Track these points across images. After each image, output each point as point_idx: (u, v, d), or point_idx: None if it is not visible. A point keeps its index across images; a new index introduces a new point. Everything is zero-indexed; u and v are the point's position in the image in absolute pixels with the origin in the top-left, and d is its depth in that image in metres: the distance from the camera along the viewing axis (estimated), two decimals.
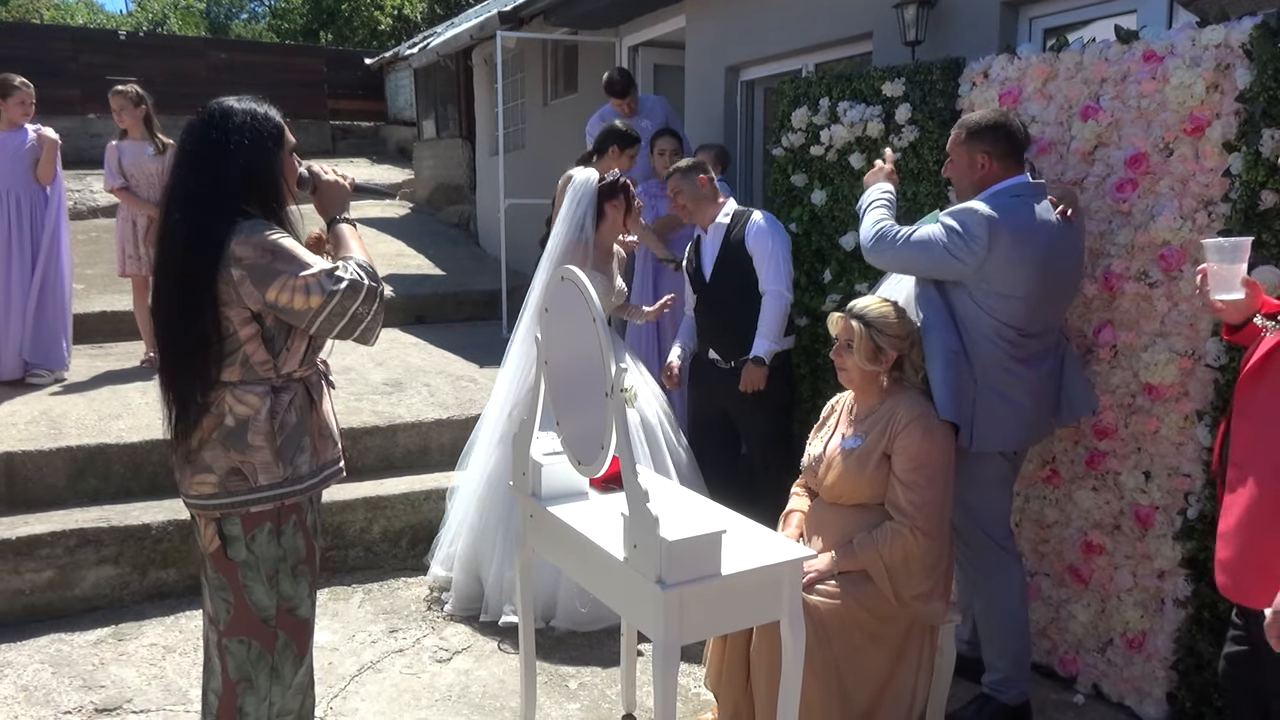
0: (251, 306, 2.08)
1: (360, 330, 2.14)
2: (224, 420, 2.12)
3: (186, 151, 2.15)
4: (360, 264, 2.14)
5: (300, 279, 2.04)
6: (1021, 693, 2.98)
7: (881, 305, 2.82)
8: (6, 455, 4.10)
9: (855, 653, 2.63)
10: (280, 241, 2.08)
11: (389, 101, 17.27)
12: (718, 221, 4.08)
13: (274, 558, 2.19)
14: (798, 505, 2.96)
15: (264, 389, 2.14)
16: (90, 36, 16.94)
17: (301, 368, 2.21)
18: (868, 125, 3.91)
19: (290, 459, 2.17)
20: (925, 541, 2.61)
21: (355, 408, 4.92)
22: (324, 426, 2.28)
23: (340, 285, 2.06)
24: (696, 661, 3.35)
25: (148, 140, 5.55)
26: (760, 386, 3.89)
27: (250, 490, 2.13)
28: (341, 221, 2.28)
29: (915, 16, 4.02)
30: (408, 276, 8.76)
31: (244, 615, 2.19)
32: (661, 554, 2.13)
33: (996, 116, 2.86)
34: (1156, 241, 2.92)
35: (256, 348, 2.12)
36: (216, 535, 2.16)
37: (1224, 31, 2.76)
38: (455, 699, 3.24)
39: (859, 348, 2.76)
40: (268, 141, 2.16)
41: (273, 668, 2.23)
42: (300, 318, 2.08)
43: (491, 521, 3.81)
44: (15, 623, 3.69)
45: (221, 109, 2.15)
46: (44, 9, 28.41)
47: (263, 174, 2.15)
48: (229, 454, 2.12)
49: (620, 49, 7.30)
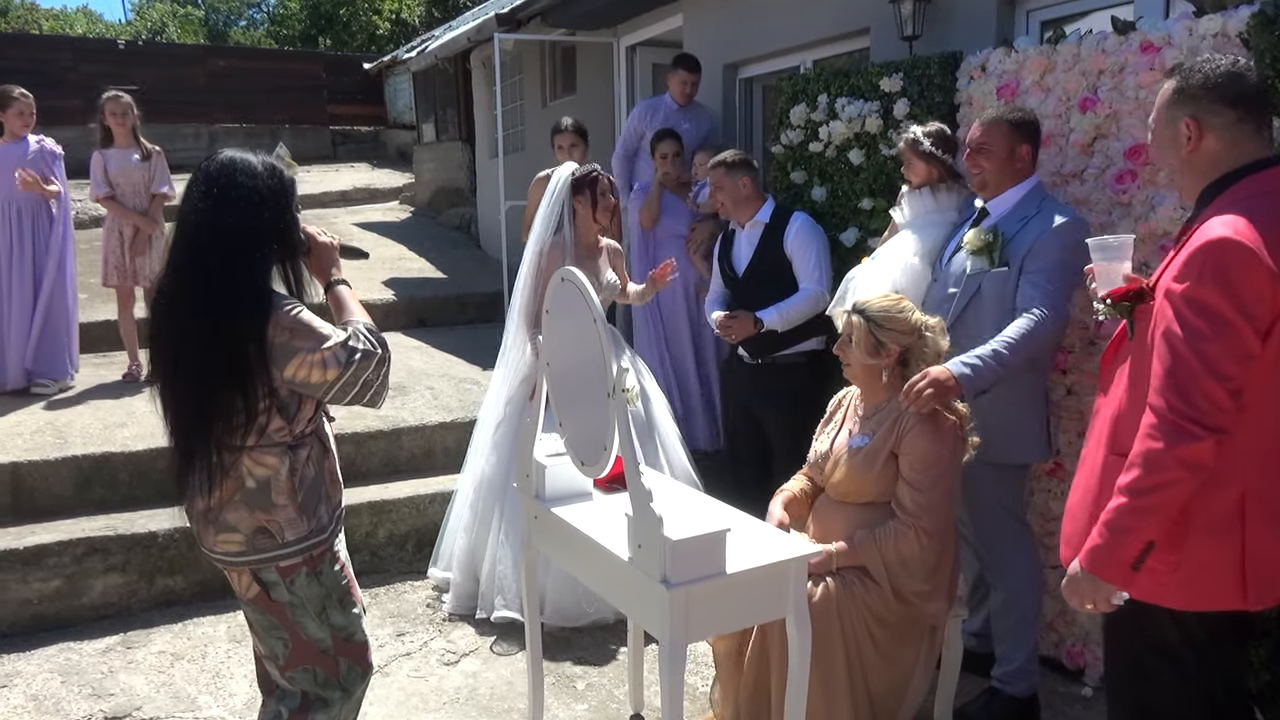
0: (269, 383, 2.07)
1: (369, 396, 2.14)
2: (245, 483, 2.11)
3: (212, 195, 2.03)
4: (368, 329, 2.15)
5: (319, 355, 2.04)
6: (1031, 685, 2.98)
7: (885, 300, 2.80)
8: (13, 465, 4.11)
9: (861, 648, 2.63)
10: (300, 316, 2.07)
11: (388, 105, 17.29)
12: (756, 219, 4.03)
13: (319, 596, 2.19)
14: (792, 486, 2.97)
15: (281, 449, 2.13)
16: (90, 46, 16.99)
17: (310, 424, 2.21)
18: (866, 121, 3.91)
19: (313, 511, 2.17)
20: (928, 541, 2.60)
21: (359, 412, 4.92)
22: (334, 473, 2.28)
23: (356, 356, 2.07)
24: (704, 661, 3.36)
25: (133, 147, 5.54)
26: (738, 337, 3.87)
27: (279, 546, 2.13)
28: (339, 284, 2.26)
29: (912, 11, 4.02)
30: (409, 280, 8.76)
31: (302, 649, 2.19)
32: (666, 553, 2.13)
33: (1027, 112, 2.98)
34: (1157, 233, 2.91)
35: (272, 417, 2.10)
36: (254, 583, 2.16)
37: (1221, 21, 2.76)
38: (463, 701, 3.25)
39: (859, 342, 2.75)
40: (288, 194, 2.15)
41: (343, 689, 2.24)
42: (316, 389, 2.08)
43: (485, 521, 3.85)
44: (24, 632, 3.70)
45: (241, 157, 2.10)
46: (43, 19, 28.49)
47: (288, 226, 2.14)
48: (254, 514, 2.11)
49: (618, 49, 7.30)
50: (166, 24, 30.18)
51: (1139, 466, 1.82)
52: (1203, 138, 1.92)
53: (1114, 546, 1.86)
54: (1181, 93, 1.94)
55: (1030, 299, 2.79)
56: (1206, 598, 1.89)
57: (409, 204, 13.47)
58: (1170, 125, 1.97)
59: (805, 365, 3.96)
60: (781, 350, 3.95)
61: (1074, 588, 1.96)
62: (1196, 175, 1.96)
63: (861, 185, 4.02)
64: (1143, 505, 1.81)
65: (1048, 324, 2.74)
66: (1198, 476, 1.79)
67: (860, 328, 2.74)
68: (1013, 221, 2.92)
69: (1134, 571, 1.86)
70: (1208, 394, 1.77)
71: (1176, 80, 1.96)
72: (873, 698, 2.66)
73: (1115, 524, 1.85)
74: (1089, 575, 1.90)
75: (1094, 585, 1.90)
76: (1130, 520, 1.83)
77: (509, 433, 3.86)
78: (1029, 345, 2.73)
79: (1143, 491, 1.81)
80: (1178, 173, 2.01)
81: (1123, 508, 1.84)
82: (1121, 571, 1.86)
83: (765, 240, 3.98)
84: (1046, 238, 2.80)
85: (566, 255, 3.81)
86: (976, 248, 2.96)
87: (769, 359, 3.93)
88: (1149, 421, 1.82)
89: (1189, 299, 1.80)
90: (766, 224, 4.01)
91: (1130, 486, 1.83)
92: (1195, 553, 1.86)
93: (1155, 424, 1.81)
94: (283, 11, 27.87)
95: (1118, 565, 1.86)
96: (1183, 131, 1.94)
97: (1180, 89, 1.94)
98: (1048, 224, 2.83)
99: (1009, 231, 2.91)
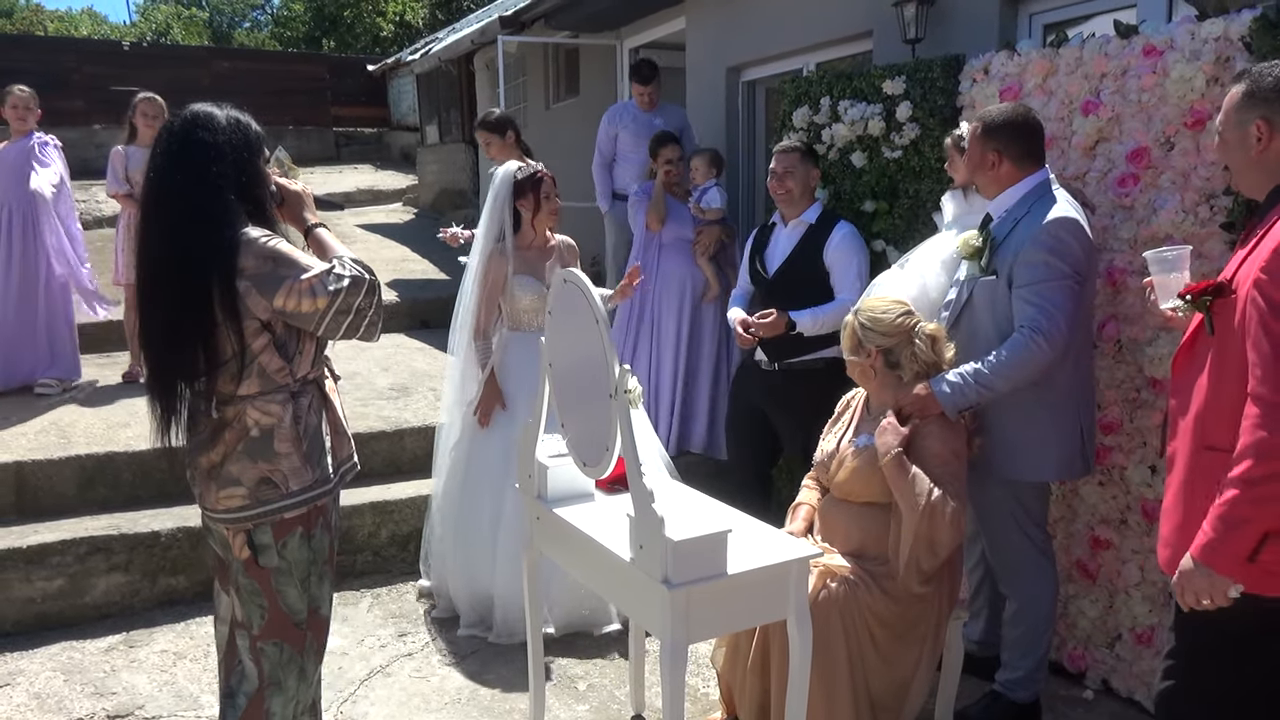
0: (261, 316, 2.08)
1: (364, 327, 2.14)
2: (249, 432, 2.12)
3: (171, 151, 2.08)
4: (353, 260, 2.15)
5: (304, 281, 2.05)
6: (1034, 693, 2.96)
7: (882, 303, 2.82)
8: (17, 465, 4.12)
9: (863, 650, 2.63)
10: (278, 246, 2.08)
11: (392, 107, 17.32)
12: (802, 218, 3.87)
13: (306, 561, 2.20)
14: (807, 498, 2.97)
15: (284, 396, 2.15)
16: (94, 48, 17.04)
17: (313, 369, 2.23)
18: (869, 124, 3.91)
19: (317, 461, 2.19)
20: (955, 530, 2.59)
21: (361, 413, 4.93)
22: (338, 423, 2.30)
23: (343, 283, 2.07)
24: (704, 662, 3.36)
25: None
26: (767, 335, 3.72)
27: (283, 497, 2.14)
28: (317, 227, 2.27)
29: (915, 14, 4.02)
30: (412, 281, 8.78)
31: (278, 619, 2.20)
32: (667, 554, 2.13)
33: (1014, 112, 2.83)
34: (1159, 236, 2.92)
35: (271, 357, 2.12)
36: (246, 545, 2.17)
37: (1223, 24, 2.76)
38: (465, 702, 3.25)
39: (845, 338, 2.83)
40: (254, 147, 2.16)
41: (300, 668, 2.25)
42: (308, 320, 2.08)
43: (447, 529, 3.85)
44: (27, 631, 3.70)
45: (205, 112, 2.12)
46: (48, 21, 28.56)
47: (251, 179, 2.14)
48: (257, 464, 2.12)
49: (621, 51, 7.31)
50: (171, 26, 30.28)
51: (1250, 456, 1.82)
52: (1274, 138, 1.97)
53: (1229, 539, 1.85)
54: (1252, 96, 1.99)
55: (1024, 315, 2.66)
56: None
57: (412, 206, 13.48)
58: (1240, 128, 2.02)
59: (823, 371, 3.81)
60: (801, 355, 3.84)
61: (1188, 583, 1.93)
62: (1267, 174, 2.01)
63: (864, 188, 4.02)
64: (1257, 495, 1.81)
65: (1041, 349, 2.60)
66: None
67: (849, 325, 2.82)
68: (1006, 224, 2.80)
69: (1250, 563, 1.85)
70: None
71: (1246, 84, 2.01)
72: (873, 699, 2.66)
73: (1229, 516, 1.85)
74: (1205, 569, 1.89)
75: (1209, 580, 1.89)
76: (1245, 510, 1.83)
77: (461, 458, 3.85)
78: (1018, 371, 2.62)
79: (1256, 481, 1.81)
80: (1246, 172, 2.06)
81: (1236, 499, 1.83)
82: (1238, 564, 1.85)
83: (806, 241, 3.84)
84: (1028, 249, 2.66)
85: (509, 262, 3.69)
86: (968, 253, 2.89)
87: (786, 364, 3.86)
88: (1254, 412, 1.83)
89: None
90: (811, 225, 3.84)
91: (1242, 477, 1.82)
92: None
93: (1262, 413, 1.81)
94: (286, 13, 27.94)
95: (1234, 557, 1.85)
96: (1253, 133, 1.99)
97: (1250, 92, 2.00)
98: (1032, 227, 2.68)
99: (1000, 235, 2.80)
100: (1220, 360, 1.97)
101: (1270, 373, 1.81)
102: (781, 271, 3.88)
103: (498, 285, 3.74)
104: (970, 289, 2.88)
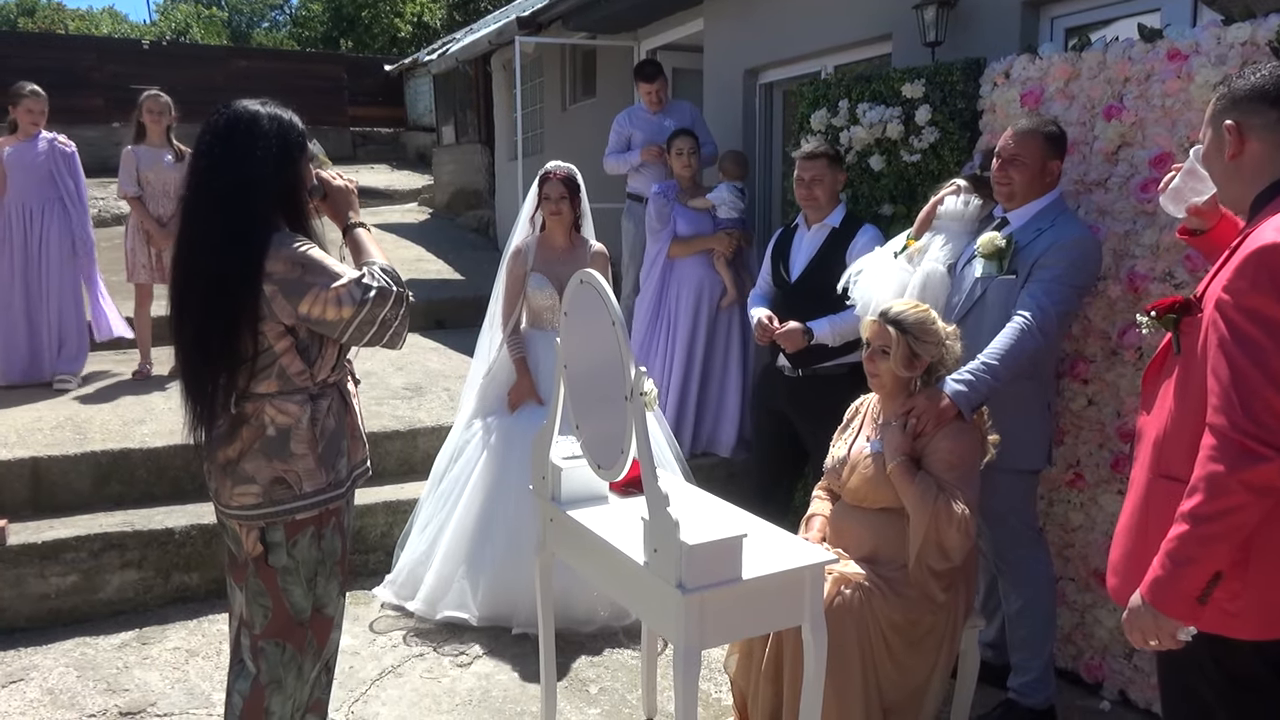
0: (285, 321, 2.09)
1: (388, 336, 2.15)
2: (265, 431, 2.13)
3: (213, 152, 2.10)
4: (384, 269, 2.16)
5: (332, 290, 2.05)
6: (1048, 698, 2.95)
7: (918, 310, 2.75)
8: (33, 460, 4.14)
9: (877, 657, 2.61)
10: (309, 253, 2.08)
11: (408, 108, 17.39)
12: (826, 221, 3.82)
13: (314, 561, 2.20)
14: (819, 509, 2.94)
15: (303, 397, 2.15)
16: (114, 46, 17.17)
17: (334, 373, 2.23)
18: (887, 127, 3.89)
19: (332, 464, 2.19)
20: (965, 536, 2.57)
21: (376, 412, 4.93)
22: (356, 428, 2.30)
23: (370, 294, 2.08)
24: (717, 666, 3.34)
25: (166, 147, 5.54)
26: (787, 347, 3.71)
27: (296, 498, 2.14)
28: (357, 226, 2.28)
29: (935, 17, 4.00)
30: (427, 282, 8.80)
31: (281, 618, 2.20)
32: (682, 558, 2.12)
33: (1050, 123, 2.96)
34: (1181, 243, 2.88)
35: (293, 359, 2.12)
36: (259, 542, 2.17)
37: (1250, 29, 2.73)
38: (476, 704, 3.24)
39: (895, 355, 2.69)
40: (294, 148, 2.16)
41: (299, 667, 2.25)
42: (333, 328, 2.09)
43: (433, 526, 3.90)
44: (41, 626, 3.72)
45: (248, 112, 2.12)
46: (69, 20, 28.80)
47: (290, 181, 2.15)
48: (272, 464, 2.13)
49: (639, 53, 7.30)
50: (190, 25, 30.49)
51: (1201, 491, 1.67)
52: (1244, 141, 1.81)
53: (1177, 578, 1.71)
54: (1224, 98, 1.86)
55: (1023, 303, 2.81)
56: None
57: (428, 206, 13.53)
58: (1215, 134, 1.87)
59: (846, 376, 3.73)
60: (824, 362, 3.80)
61: (1135, 622, 1.80)
62: (1243, 183, 1.84)
63: (882, 191, 4.00)
64: (1207, 533, 1.67)
65: (1033, 337, 2.74)
66: (1265, 500, 1.64)
67: (900, 340, 2.68)
68: (1028, 232, 2.92)
69: (1200, 605, 1.71)
70: (1273, 408, 1.62)
71: (1223, 89, 1.89)
72: (887, 707, 2.64)
73: (1178, 554, 1.70)
74: (1151, 609, 1.75)
75: (1156, 620, 1.75)
76: (1194, 549, 1.68)
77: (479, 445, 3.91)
78: (1017, 359, 2.74)
79: (1206, 518, 1.66)
80: (1226, 184, 1.90)
81: (1185, 535, 1.69)
82: (1187, 605, 1.71)
83: (829, 245, 3.79)
84: (1055, 251, 2.82)
85: (528, 259, 3.82)
86: (988, 252, 2.95)
87: (810, 370, 3.82)
88: (1209, 443, 1.68)
89: (1243, 308, 1.67)
90: (835, 229, 3.80)
91: (1192, 513, 1.68)
92: (1265, 576, 1.72)
93: (1217, 445, 1.66)
94: (305, 13, 28.08)
95: (1182, 598, 1.71)
96: (1225, 137, 1.83)
97: (1223, 95, 1.87)
98: (1060, 237, 2.84)
99: (1022, 241, 2.91)
100: (1184, 383, 1.83)
101: (1227, 399, 1.66)
102: (804, 275, 3.85)
103: (517, 282, 3.89)
104: (984, 287, 2.96)
